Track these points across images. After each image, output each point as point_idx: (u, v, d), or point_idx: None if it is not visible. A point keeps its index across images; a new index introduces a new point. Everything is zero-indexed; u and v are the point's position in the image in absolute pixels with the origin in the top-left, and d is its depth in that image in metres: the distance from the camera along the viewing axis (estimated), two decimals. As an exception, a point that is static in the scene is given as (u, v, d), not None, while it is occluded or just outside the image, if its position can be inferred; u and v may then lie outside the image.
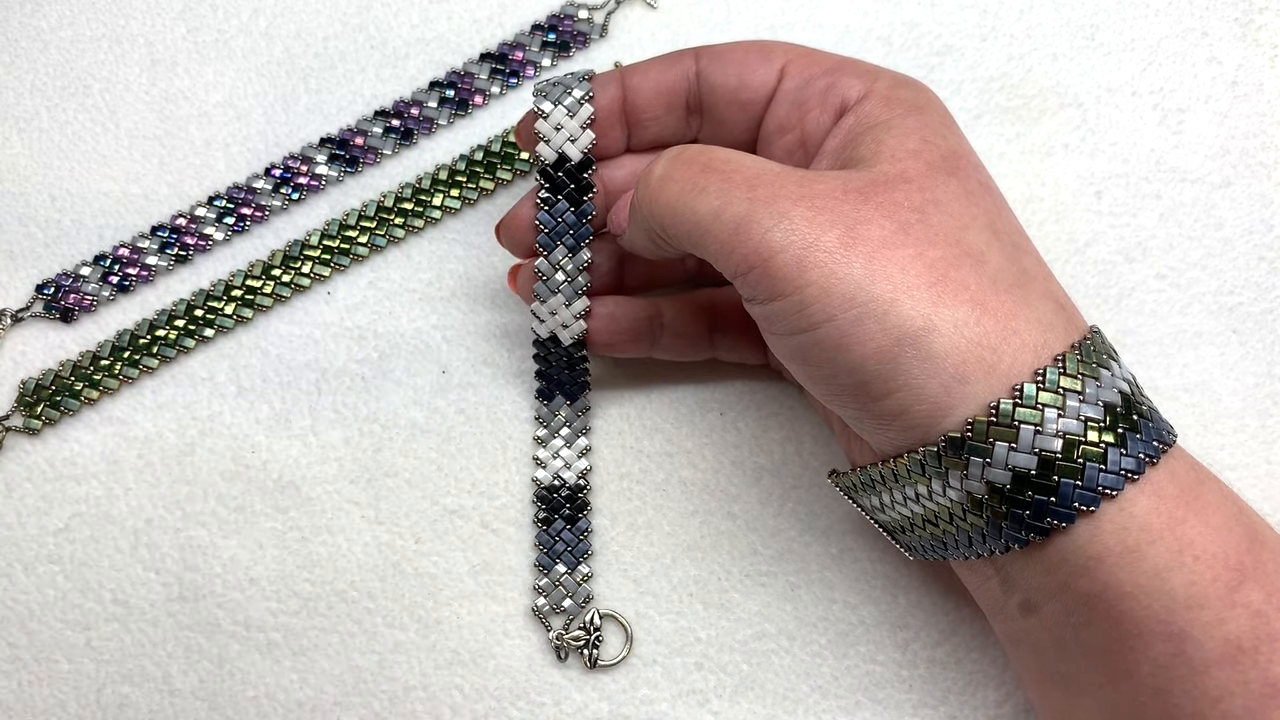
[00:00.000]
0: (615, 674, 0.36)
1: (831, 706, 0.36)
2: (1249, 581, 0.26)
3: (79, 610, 0.37)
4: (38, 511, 0.38)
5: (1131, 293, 0.40)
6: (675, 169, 0.30)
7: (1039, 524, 0.27)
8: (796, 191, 0.28)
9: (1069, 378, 0.27)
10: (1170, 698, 0.26)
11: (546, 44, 0.44)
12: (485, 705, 0.36)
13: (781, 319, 0.29)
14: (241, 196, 0.42)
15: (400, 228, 0.41)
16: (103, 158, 0.42)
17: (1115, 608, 0.26)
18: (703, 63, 0.34)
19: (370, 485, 0.38)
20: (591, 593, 0.37)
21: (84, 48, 0.43)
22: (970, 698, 0.36)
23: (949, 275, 0.27)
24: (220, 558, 0.37)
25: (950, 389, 0.27)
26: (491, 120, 0.43)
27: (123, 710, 0.36)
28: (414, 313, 0.40)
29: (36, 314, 0.40)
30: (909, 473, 0.29)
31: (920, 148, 0.30)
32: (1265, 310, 0.40)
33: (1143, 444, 0.27)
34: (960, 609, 0.36)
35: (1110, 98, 0.42)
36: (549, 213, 0.35)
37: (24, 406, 0.39)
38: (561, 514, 0.37)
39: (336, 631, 0.37)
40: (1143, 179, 0.41)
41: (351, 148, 0.42)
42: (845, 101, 0.32)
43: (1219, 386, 0.39)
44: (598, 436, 0.39)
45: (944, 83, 0.43)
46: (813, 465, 0.38)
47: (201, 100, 0.43)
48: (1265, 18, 0.43)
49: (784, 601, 0.37)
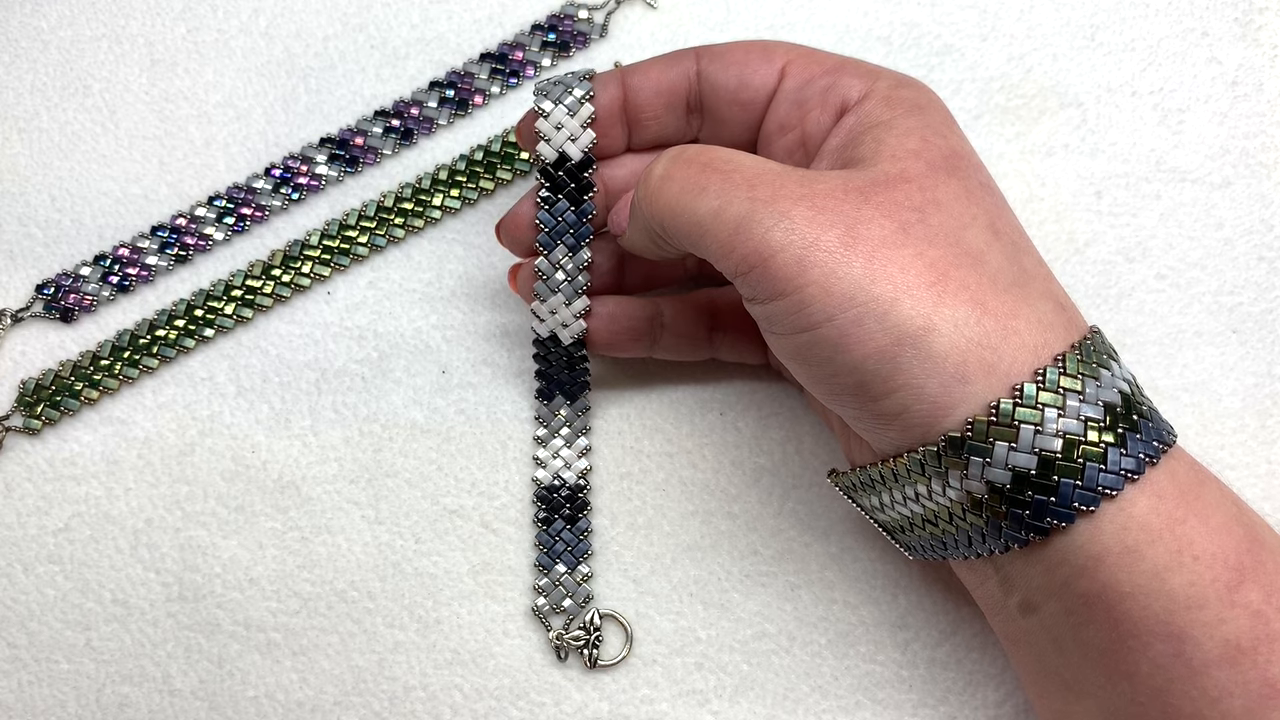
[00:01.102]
0: (615, 674, 0.36)
1: (831, 706, 0.36)
2: (1248, 582, 0.26)
3: (79, 610, 0.37)
4: (38, 511, 0.38)
5: (1131, 293, 0.40)
6: (676, 168, 0.30)
7: (1039, 524, 0.27)
8: (797, 191, 0.28)
9: (1069, 377, 0.27)
10: (1169, 698, 0.26)
11: (546, 44, 0.44)
12: (485, 705, 0.36)
13: (782, 318, 0.29)
14: (241, 196, 0.41)
15: (400, 228, 0.41)
16: (103, 158, 0.42)
17: (1115, 608, 0.26)
18: (703, 62, 0.34)
19: (370, 485, 0.38)
20: (591, 593, 0.37)
21: (84, 48, 0.43)
22: (970, 698, 0.36)
23: (949, 275, 0.27)
24: (220, 558, 0.37)
25: (950, 389, 0.27)
26: (491, 120, 0.43)
27: (123, 710, 0.36)
28: (414, 313, 0.40)
29: (36, 314, 0.40)
30: (909, 472, 0.29)
31: (921, 147, 0.30)
32: (1265, 310, 0.40)
33: (1143, 444, 0.27)
34: (960, 609, 0.36)
35: (1110, 98, 0.42)
36: (549, 212, 0.35)
37: (24, 406, 0.39)
38: (561, 514, 0.37)
39: (336, 631, 0.37)
40: (1143, 179, 0.41)
41: (351, 148, 0.42)
42: (846, 101, 0.32)
43: (1219, 386, 0.39)
44: (598, 436, 0.39)
45: (944, 83, 0.43)
46: (813, 465, 0.38)
47: (201, 100, 0.43)
48: (1265, 18, 0.43)
49: (784, 601, 0.37)
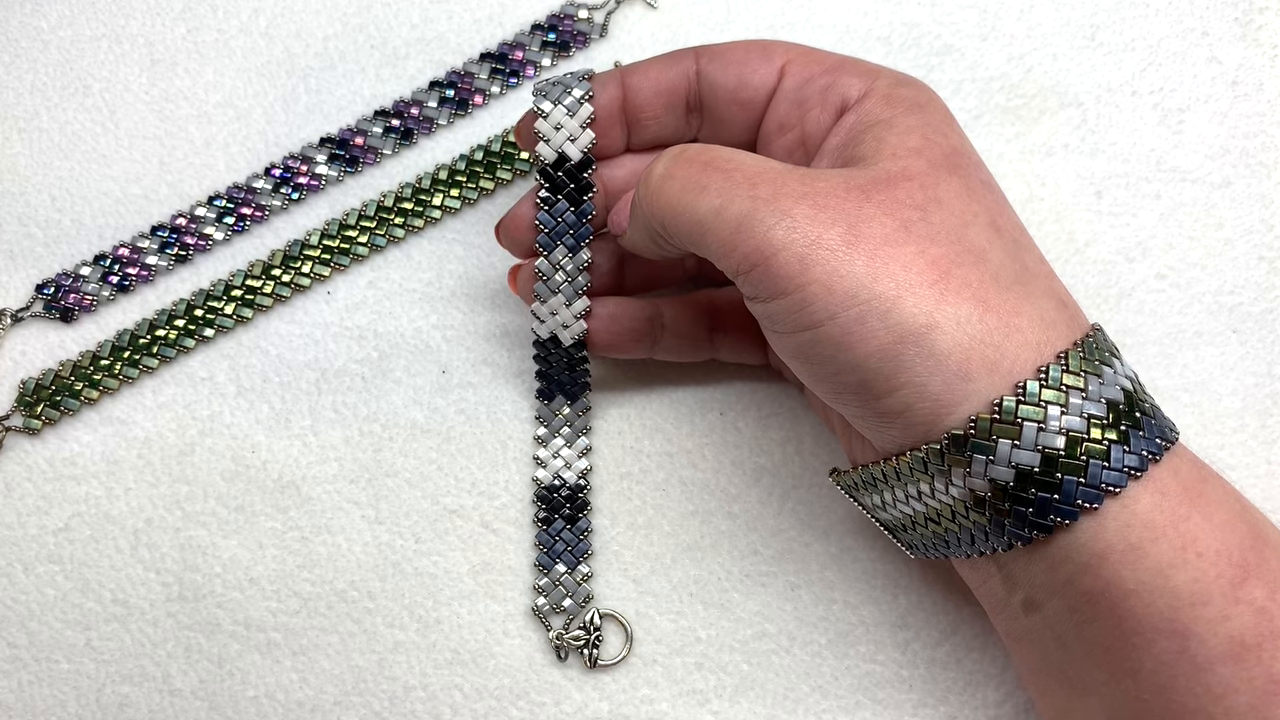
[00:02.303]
0: (615, 674, 0.36)
1: (831, 706, 0.36)
2: (1252, 578, 0.26)
3: (79, 610, 0.37)
4: (38, 511, 0.38)
5: (1131, 293, 0.40)
6: (676, 168, 0.30)
7: (1042, 521, 0.27)
8: (798, 189, 0.28)
9: (1072, 375, 0.27)
10: (1173, 695, 0.26)
11: (546, 44, 0.44)
12: (485, 705, 0.36)
13: (784, 317, 0.29)
14: (241, 196, 0.41)
15: (400, 228, 0.41)
16: (103, 158, 0.42)
17: (1118, 605, 0.26)
18: (703, 62, 0.34)
19: (370, 485, 0.38)
20: (591, 592, 0.37)
21: (84, 48, 0.43)
22: (970, 698, 0.36)
23: (951, 273, 0.27)
24: (220, 558, 0.37)
25: (953, 386, 0.27)
26: (491, 120, 0.43)
27: (123, 710, 0.36)
28: (414, 313, 0.40)
29: (36, 314, 0.40)
30: (911, 470, 0.29)
31: (921, 145, 0.30)
32: (1265, 310, 0.40)
33: (1145, 441, 0.27)
34: (960, 609, 0.36)
35: (1110, 98, 0.42)
36: (549, 212, 0.35)
37: (24, 406, 0.39)
38: (561, 514, 0.37)
39: (336, 631, 0.37)
40: (1143, 179, 0.41)
41: (351, 148, 0.42)
42: (846, 100, 0.32)
43: (1219, 386, 0.39)
44: (598, 436, 0.39)
45: (944, 83, 0.43)
46: (813, 465, 0.38)
47: (201, 100, 0.43)
48: (1265, 18, 0.43)
49: (784, 601, 0.37)
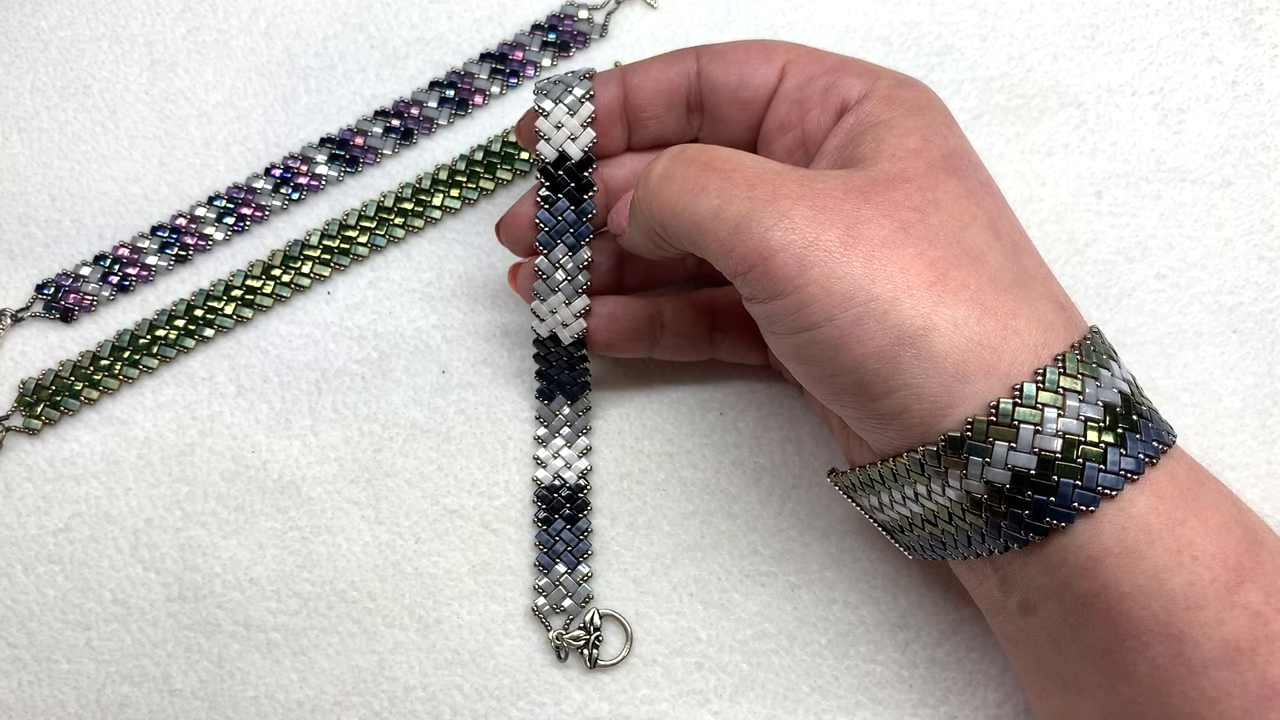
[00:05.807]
0: (615, 674, 0.36)
1: (831, 706, 0.36)
2: (1248, 582, 0.26)
3: (79, 610, 0.37)
4: (38, 511, 0.38)
5: (1131, 293, 0.40)
6: (675, 168, 0.30)
7: (1038, 524, 0.27)
8: (797, 190, 0.28)
9: (1069, 377, 0.27)
10: (1168, 698, 0.26)
11: (546, 44, 0.44)
12: (485, 705, 0.36)
13: (782, 318, 0.29)
14: (241, 196, 0.41)
15: (400, 228, 0.41)
16: (103, 158, 0.42)
17: (1114, 608, 0.26)
18: (704, 62, 0.34)
19: (370, 485, 0.38)
20: (591, 593, 0.37)
21: (84, 48, 0.43)
22: (970, 698, 0.36)
23: (949, 275, 0.27)
24: (220, 558, 0.37)
25: (950, 388, 0.27)
26: (491, 120, 0.43)
27: (123, 710, 0.36)
28: (414, 313, 0.40)
29: (36, 314, 0.40)
30: (908, 472, 0.29)
31: (921, 147, 0.30)
32: (1265, 310, 0.40)
33: (1142, 444, 0.27)
34: (960, 609, 0.36)
35: (1110, 98, 0.42)
36: (549, 211, 0.35)
37: (24, 406, 0.39)
38: (561, 514, 0.37)
39: (336, 631, 0.37)
40: (1143, 179, 0.41)
41: (351, 148, 0.42)
42: (846, 101, 0.32)
43: (1219, 386, 0.39)
44: (598, 436, 0.39)
45: (944, 83, 0.43)
46: (813, 465, 0.38)
47: (201, 100, 0.43)
48: (1265, 18, 0.43)
49: (784, 601, 0.37)
